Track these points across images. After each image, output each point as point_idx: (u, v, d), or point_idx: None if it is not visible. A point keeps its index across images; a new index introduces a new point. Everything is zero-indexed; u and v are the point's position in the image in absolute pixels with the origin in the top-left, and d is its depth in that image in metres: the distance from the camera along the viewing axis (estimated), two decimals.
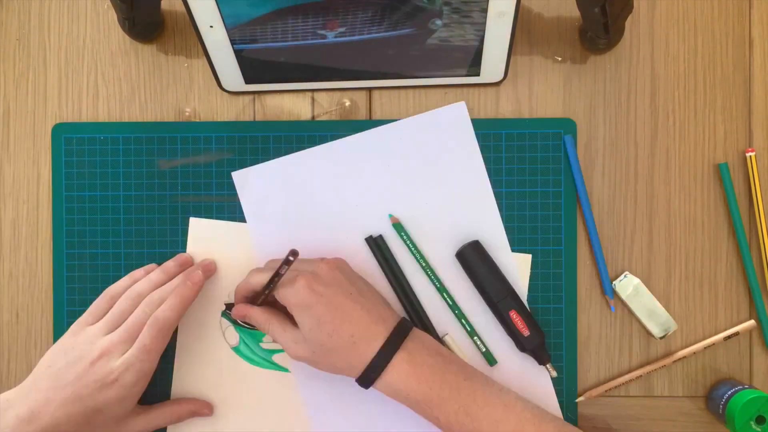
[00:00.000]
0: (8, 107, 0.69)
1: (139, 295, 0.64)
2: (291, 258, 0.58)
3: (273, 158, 0.69)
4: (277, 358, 0.68)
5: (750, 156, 0.69)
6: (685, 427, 0.69)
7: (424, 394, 0.60)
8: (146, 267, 0.68)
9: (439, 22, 0.61)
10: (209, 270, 0.67)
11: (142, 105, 0.69)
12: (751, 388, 0.65)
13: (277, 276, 0.60)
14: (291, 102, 0.70)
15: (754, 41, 0.70)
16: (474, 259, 0.67)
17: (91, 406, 0.60)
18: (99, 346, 0.61)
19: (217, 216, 0.69)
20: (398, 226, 0.68)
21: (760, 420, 0.64)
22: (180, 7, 0.68)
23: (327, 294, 0.60)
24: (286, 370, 0.68)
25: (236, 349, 0.68)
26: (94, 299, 0.65)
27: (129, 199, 0.69)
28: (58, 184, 0.69)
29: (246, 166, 0.69)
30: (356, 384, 0.61)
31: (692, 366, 0.69)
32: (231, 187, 0.69)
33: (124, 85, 0.70)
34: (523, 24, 0.69)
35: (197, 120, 0.69)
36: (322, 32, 0.61)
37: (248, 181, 0.68)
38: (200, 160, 0.69)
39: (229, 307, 0.68)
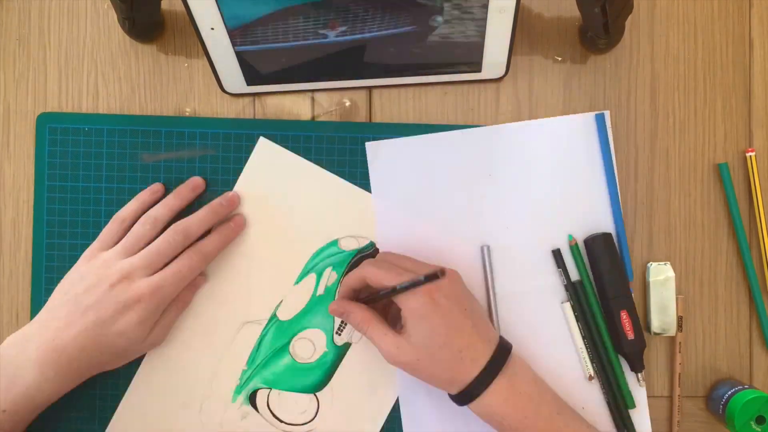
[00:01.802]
0: (8, 107, 0.69)
1: (156, 220, 0.64)
2: (439, 275, 0.55)
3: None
4: None
5: (750, 156, 0.69)
6: (685, 427, 0.69)
7: (518, 422, 0.60)
8: (151, 188, 0.67)
9: (440, 18, 0.61)
10: (233, 203, 0.67)
11: (141, 105, 0.69)
12: (751, 388, 0.65)
13: (412, 285, 0.58)
14: (291, 102, 0.70)
15: (754, 41, 0.70)
16: (602, 249, 0.66)
17: (113, 330, 0.60)
18: (118, 269, 0.61)
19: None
20: (575, 249, 0.68)
21: (760, 420, 0.64)
22: (180, 7, 0.68)
23: (446, 306, 0.60)
24: None
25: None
26: None
27: (111, 191, 0.68)
28: (40, 173, 0.69)
29: (230, 164, 0.68)
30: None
31: (692, 366, 0.69)
32: (214, 183, 0.69)
33: (123, 86, 0.70)
34: (523, 24, 0.69)
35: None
36: (323, 32, 0.61)
37: (379, 154, 0.68)
38: (184, 156, 0.69)
39: None
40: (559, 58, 0.70)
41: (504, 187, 0.68)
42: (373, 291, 0.63)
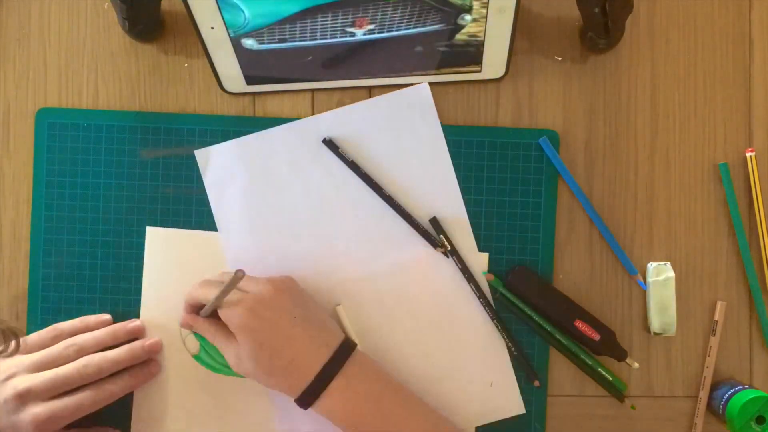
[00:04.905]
0: (8, 107, 0.69)
1: (81, 348, 0.63)
2: (239, 275, 0.57)
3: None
4: None
5: (750, 156, 0.69)
6: (685, 427, 0.69)
7: (359, 421, 0.60)
8: (101, 317, 0.67)
9: (468, 17, 0.61)
10: (155, 350, 0.67)
11: (141, 105, 0.69)
12: (751, 388, 0.65)
13: (219, 297, 0.59)
14: (291, 102, 0.70)
15: (754, 41, 0.70)
16: (525, 282, 0.67)
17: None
18: (16, 386, 0.60)
19: (197, 209, 0.68)
20: (497, 282, 0.67)
21: (760, 420, 0.64)
22: (180, 7, 0.68)
23: (270, 318, 0.60)
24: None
25: (197, 357, 0.67)
26: (70, 286, 0.68)
27: (109, 187, 0.68)
28: (39, 168, 0.69)
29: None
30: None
31: (692, 366, 0.69)
32: None
33: (123, 85, 0.70)
34: (523, 24, 0.69)
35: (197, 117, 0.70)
36: (351, 30, 0.62)
37: (210, 161, 0.68)
38: (182, 152, 0.69)
39: None
40: (559, 58, 0.70)
41: (342, 174, 0.68)
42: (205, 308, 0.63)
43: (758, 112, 0.70)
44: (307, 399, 0.60)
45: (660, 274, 0.68)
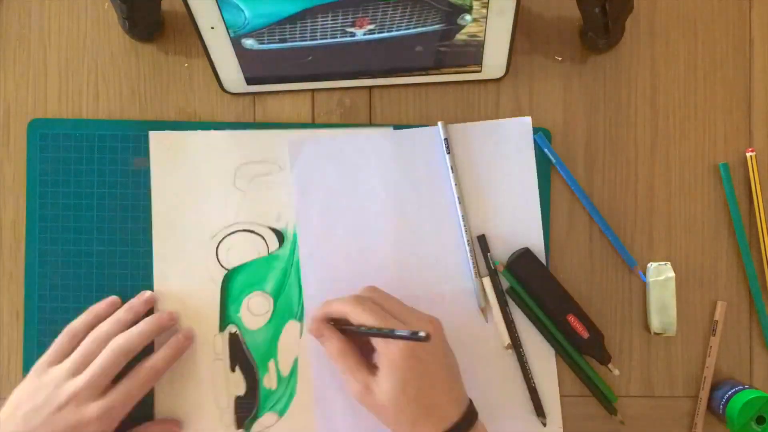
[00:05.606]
0: (8, 107, 0.69)
1: (107, 335, 0.63)
2: (425, 339, 0.53)
3: None
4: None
5: (750, 156, 0.69)
6: (685, 427, 0.69)
7: None
8: (107, 301, 0.67)
9: (468, 17, 0.61)
10: (176, 318, 0.67)
11: (142, 105, 0.69)
12: (751, 388, 0.65)
13: (394, 335, 0.56)
14: (291, 102, 0.70)
15: (754, 41, 0.70)
16: (527, 266, 0.67)
17: None
18: (66, 392, 0.60)
19: None
20: (507, 274, 0.68)
21: (760, 420, 0.64)
22: (180, 7, 0.68)
23: (425, 360, 0.58)
24: None
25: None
26: (66, 296, 0.67)
27: (103, 196, 0.68)
28: (32, 179, 0.68)
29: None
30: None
31: (692, 366, 0.69)
32: None
33: (124, 86, 0.70)
34: (523, 24, 0.69)
35: (197, 120, 0.69)
36: (351, 30, 0.62)
37: (302, 150, 0.68)
38: None
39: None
40: (559, 58, 0.70)
41: (428, 188, 0.68)
42: (352, 324, 0.61)
43: (758, 112, 0.70)
44: None
45: (660, 274, 0.68)
